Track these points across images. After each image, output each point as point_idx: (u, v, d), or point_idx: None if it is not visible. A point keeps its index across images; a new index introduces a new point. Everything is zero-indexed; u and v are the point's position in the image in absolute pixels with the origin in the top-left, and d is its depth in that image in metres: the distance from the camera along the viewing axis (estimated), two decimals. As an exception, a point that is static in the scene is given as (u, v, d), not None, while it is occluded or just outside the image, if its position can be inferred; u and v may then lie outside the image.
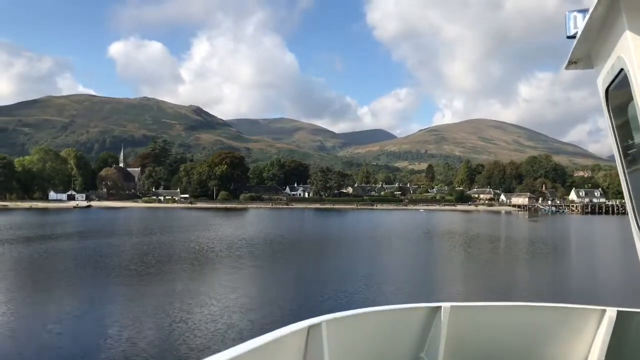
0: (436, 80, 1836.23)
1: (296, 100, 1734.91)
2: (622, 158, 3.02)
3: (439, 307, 3.90)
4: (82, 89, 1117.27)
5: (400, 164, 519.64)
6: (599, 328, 4.09)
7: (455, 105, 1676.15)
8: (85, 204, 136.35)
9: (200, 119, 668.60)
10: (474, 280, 25.80)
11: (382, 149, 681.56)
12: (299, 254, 37.12)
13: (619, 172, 3.10)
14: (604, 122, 3.14)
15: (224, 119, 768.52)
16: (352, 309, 3.57)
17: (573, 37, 3.07)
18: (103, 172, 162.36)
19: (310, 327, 3.03)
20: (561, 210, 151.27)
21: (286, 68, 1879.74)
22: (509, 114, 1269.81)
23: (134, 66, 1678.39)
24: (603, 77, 3.03)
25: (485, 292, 21.71)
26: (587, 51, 3.17)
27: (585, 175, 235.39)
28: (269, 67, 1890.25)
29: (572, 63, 3.30)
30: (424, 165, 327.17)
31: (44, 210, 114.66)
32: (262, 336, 2.57)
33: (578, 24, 3.01)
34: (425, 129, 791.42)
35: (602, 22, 2.76)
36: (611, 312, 4.07)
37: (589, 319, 4.12)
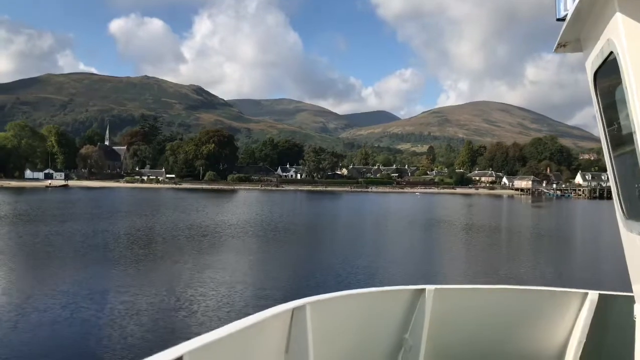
0: (441, 60, 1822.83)
1: (299, 80, 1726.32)
2: (608, 142, 3.06)
3: (423, 290, 3.88)
4: (83, 67, 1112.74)
5: (403, 146, 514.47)
6: (580, 311, 4.16)
7: (460, 86, 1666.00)
8: (61, 183, 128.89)
9: (201, 99, 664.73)
10: (460, 266, 23.88)
11: (385, 130, 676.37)
12: (284, 240, 32.81)
13: (604, 155, 3.12)
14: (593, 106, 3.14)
15: (225, 99, 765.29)
16: (336, 291, 3.52)
17: (563, 19, 3.07)
18: (83, 150, 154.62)
19: (294, 310, 3.00)
20: (566, 195, 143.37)
21: (289, 47, 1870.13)
22: (514, 96, 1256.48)
23: (135, 44, 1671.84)
24: (592, 61, 3.03)
25: (473, 277, 20.22)
26: (576, 34, 3.17)
27: (592, 158, 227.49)
28: (271, 46, 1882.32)
29: (561, 46, 3.31)
30: (426, 148, 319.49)
31: (15, 189, 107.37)
32: (244, 319, 2.52)
33: (568, 6, 2.99)
34: (428, 111, 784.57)
35: (592, 4, 2.74)
36: (593, 295, 4.15)
37: (571, 302, 4.17)
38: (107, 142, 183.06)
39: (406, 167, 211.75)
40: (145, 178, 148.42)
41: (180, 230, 35.11)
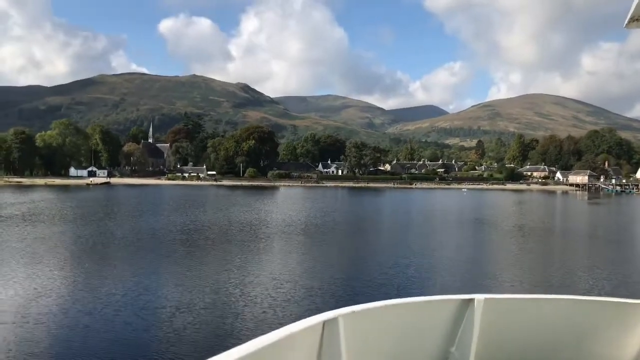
0: (492, 52, 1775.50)
1: (345, 76, 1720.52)
2: None
3: (472, 300, 3.51)
4: (135, 68, 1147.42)
5: (451, 141, 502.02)
6: None
7: (511, 79, 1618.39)
8: (102, 180, 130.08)
9: (247, 97, 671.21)
10: (507, 274, 20.82)
11: (433, 125, 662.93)
12: (318, 241, 30.04)
13: None
14: None
15: (271, 97, 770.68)
16: (372, 300, 3.28)
17: None
18: (126, 148, 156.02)
19: (325, 322, 2.77)
20: (627, 191, 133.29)
21: (335, 43, 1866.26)
22: (569, 88, 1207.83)
23: (184, 44, 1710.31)
24: None
25: (521, 285, 18.18)
26: None
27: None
28: (317, 42, 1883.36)
29: (634, 20, 3.02)
30: (475, 142, 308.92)
31: (60, 187, 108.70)
32: (272, 333, 2.38)
33: None
34: (478, 105, 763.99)
35: None
36: None
37: None
38: (150, 140, 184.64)
39: (453, 162, 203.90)
40: (186, 175, 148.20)
41: (211, 230, 32.94)
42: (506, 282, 18.63)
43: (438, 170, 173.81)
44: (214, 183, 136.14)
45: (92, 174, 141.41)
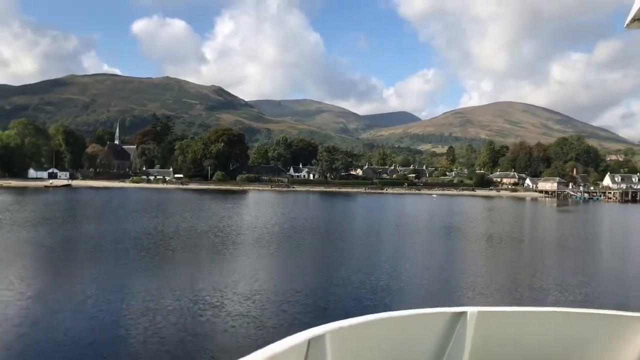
0: (464, 60, 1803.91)
1: (320, 81, 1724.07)
2: None
3: (464, 313, 3.42)
4: (107, 69, 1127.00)
5: (424, 147, 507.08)
6: None
7: (483, 86, 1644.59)
8: (63, 182, 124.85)
9: (221, 100, 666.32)
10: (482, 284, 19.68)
11: (406, 131, 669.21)
12: (289, 251, 27.45)
13: None
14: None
15: (246, 100, 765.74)
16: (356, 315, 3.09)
17: None
18: (90, 149, 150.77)
19: (310, 340, 2.62)
20: (595, 198, 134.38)
21: (310, 48, 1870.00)
22: (539, 97, 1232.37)
23: (158, 45, 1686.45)
24: None
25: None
26: None
27: (620, 159, 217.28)
28: (293, 46, 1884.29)
29: (636, 20, 2.90)
30: (446, 149, 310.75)
31: (16, 188, 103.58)
32: (254, 353, 2.22)
33: None
34: (450, 112, 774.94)
35: None
36: None
37: (638, 328, 3.62)
38: (117, 141, 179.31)
39: (424, 167, 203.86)
40: (152, 178, 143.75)
41: (165, 238, 30.18)
42: (474, 293, 17.28)
43: (409, 175, 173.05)
44: (180, 186, 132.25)
45: (52, 176, 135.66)
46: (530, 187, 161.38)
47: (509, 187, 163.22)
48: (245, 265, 21.64)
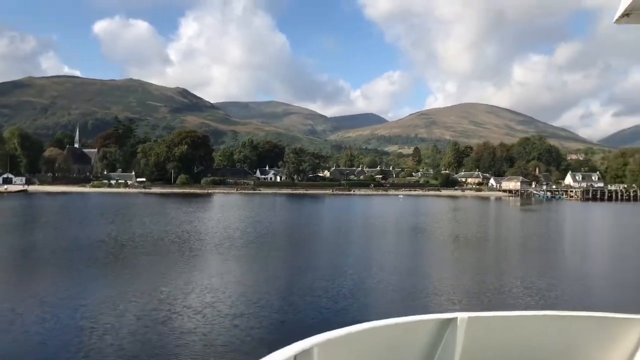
0: (430, 62, 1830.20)
1: (287, 82, 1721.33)
2: None
3: (454, 319, 3.40)
4: (67, 70, 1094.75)
5: (390, 148, 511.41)
6: None
7: (447, 88, 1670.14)
8: (18, 188, 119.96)
9: (186, 102, 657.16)
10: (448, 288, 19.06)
11: (373, 133, 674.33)
12: (255, 258, 25.83)
13: None
14: None
15: (212, 102, 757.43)
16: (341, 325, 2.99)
17: None
18: (47, 153, 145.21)
19: (297, 356, 2.48)
20: (557, 196, 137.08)
21: (277, 49, 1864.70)
22: (502, 98, 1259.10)
23: (121, 46, 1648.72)
24: None
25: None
26: None
27: (581, 159, 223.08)
28: (259, 48, 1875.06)
29: (624, 15, 2.85)
30: (412, 150, 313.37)
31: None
32: None
33: None
34: (416, 113, 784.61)
35: None
36: None
37: (632, 331, 3.58)
38: (77, 145, 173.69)
39: (391, 168, 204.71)
40: (113, 182, 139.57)
41: (121, 245, 28.44)
42: (441, 299, 16.61)
43: (376, 176, 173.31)
44: (143, 190, 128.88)
45: (7, 181, 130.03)
46: (495, 186, 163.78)
47: (474, 186, 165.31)
48: (199, 275, 20.27)
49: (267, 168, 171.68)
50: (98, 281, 18.96)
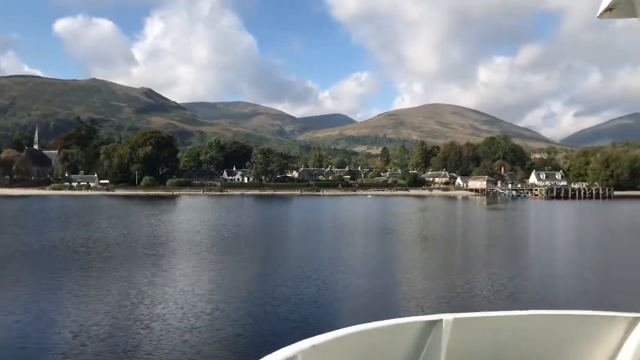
0: (397, 63, 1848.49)
1: (255, 83, 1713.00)
2: None
3: (439, 321, 3.38)
4: (27, 70, 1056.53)
5: (359, 149, 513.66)
6: (627, 338, 3.56)
7: (414, 89, 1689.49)
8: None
9: (152, 102, 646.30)
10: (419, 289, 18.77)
11: (342, 133, 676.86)
12: (226, 259, 25.38)
13: None
14: None
15: (179, 102, 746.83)
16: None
17: None
18: (4, 155, 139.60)
19: None
20: (523, 195, 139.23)
21: (244, 49, 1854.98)
22: (467, 99, 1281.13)
23: (83, 45, 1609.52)
24: None
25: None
26: None
27: (545, 158, 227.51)
28: (226, 48, 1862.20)
29: (607, 10, 2.88)
30: (381, 150, 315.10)
31: None
32: None
33: None
34: (384, 114, 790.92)
35: None
36: None
37: (616, 328, 3.59)
38: (36, 146, 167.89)
39: (359, 168, 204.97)
40: (75, 184, 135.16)
41: (68, 252, 26.40)
42: (409, 304, 15.76)
43: (345, 177, 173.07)
44: (106, 193, 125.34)
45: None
46: (461, 185, 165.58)
47: (441, 186, 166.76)
48: (150, 284, 18.80)
49: (234, 169, 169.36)
50: (37, 292, 17.33)
